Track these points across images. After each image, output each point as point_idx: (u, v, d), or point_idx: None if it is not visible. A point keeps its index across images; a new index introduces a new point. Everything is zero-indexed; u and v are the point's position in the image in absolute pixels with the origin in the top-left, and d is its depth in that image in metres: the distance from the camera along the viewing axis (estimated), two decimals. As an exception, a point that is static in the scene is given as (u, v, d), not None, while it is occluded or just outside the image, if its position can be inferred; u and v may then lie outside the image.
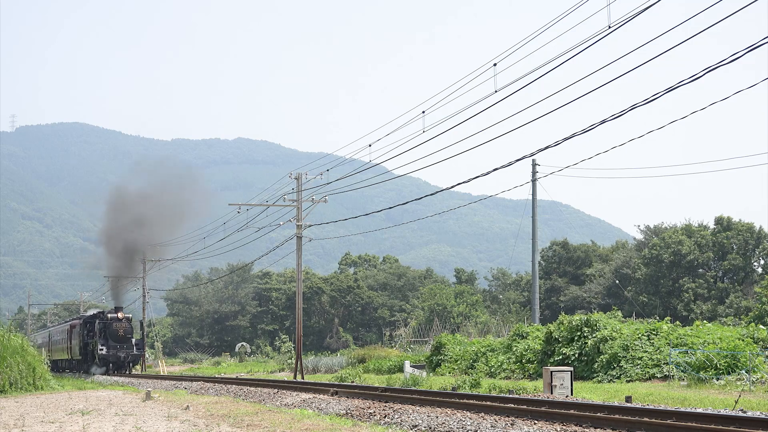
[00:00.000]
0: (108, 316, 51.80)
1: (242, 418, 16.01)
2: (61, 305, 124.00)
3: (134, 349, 51.75)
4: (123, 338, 51.22)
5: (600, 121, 18.76)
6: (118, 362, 50.80)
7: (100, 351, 50.37)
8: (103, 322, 51.46)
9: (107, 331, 51.08)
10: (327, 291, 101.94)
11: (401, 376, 34.63)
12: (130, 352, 51.31)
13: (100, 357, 50.39)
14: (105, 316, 51.88)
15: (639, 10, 16.28)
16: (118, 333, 51.01)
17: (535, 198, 47.58)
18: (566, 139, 20.27)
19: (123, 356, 50.74)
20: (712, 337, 29.03)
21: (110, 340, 50.88)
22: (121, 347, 50.89)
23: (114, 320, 51.42)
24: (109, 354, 50.43)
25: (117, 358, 50.65)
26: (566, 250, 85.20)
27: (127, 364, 51.39)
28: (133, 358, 51.87)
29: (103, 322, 51.49)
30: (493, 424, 13.69)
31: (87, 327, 53.31)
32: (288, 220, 40.37)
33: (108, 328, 51.13)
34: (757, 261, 73.02)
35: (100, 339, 50.95)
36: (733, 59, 14.78)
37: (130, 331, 51.79)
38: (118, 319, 51.53)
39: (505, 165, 23.25)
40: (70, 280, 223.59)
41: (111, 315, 52.01)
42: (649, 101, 17.14)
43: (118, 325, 51.28)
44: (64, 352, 59.48)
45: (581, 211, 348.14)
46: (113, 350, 50.59)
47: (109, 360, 50.50)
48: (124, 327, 51.55)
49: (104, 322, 51.45)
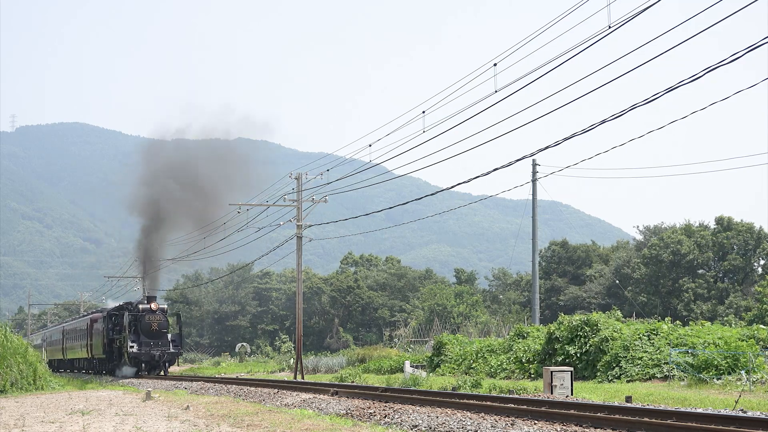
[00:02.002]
0: (139, 308, 44.07)
1: (242, 418, 16.01)
2: (61, 305, 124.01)
3: (170, 346, 44.06)
4: (157, 333, 43.70)
5: (600, 121, 18.77)
6: (151, 361, 43.46)
7: (131, 349, 42.88)
8: (133, 315, 43.84)
9: (138, 325, 43.55)
10: (327, 291, 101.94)
11: (401, 376, 34.63)
12: (166, 349, 43.69)
13: (131, 356, 42.93)
14: (135, 308, 44.28)
15: (639, 10, 16.28)
16: (151, 327, 43.57)
17: (535, 198, 47.59)
18: (566, 139, 20.28)
19: (157, 354, 43.21)
20: (713, 337, 29.04)
21: (142, 336, 43.37)
22: (155, 344, 43.37)
23: (146, 312, 43.75)
24: (141, 352, 42.96)
25: (150, 357, 43.14)
26: (566, 250, 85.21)
27: (162, 364, 43.95)
28: (170, 356, 44.16)
29: (134, 314, 43.87)
30: (494, 424, 13.69)
31: (112, 321, 46.48)
32: (288, 220, 40.38)
33: (139, 321, 43.57)
34: (757, 261, 73.06)
35: (130, 334, 43.40)
36: (733, 59, 14.79)
37: (165, 324, 44.33)
38: (151, 311, 43.83)
39: (505, 165, 23.26)
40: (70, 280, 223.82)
41: (143, 306, 44.22)
42: (649, 101, 17.14)
43: (152, 317, 43.69)
44: (83, 350, 53.10)
45: (581, 211, 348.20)
46: (146, 347, 43.13)
47: (141, 359, 43.10)
48: (159, 320, 43.87)
49: (135, 314, 43.84)
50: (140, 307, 44.05)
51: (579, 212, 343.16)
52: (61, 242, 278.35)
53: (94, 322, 49.79)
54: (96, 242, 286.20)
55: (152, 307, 44.04)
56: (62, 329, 61.79)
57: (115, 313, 46.49)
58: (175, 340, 44.68)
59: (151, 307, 44.02)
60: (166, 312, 45.02)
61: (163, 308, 44.96)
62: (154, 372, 43.94)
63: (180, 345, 45.17)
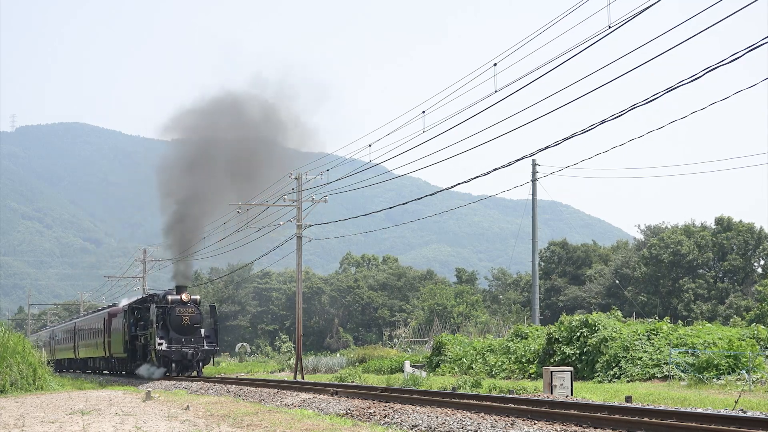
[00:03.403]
0: (168, 299, 38.31)
1: (242, 418, 16.01)
2: (61, 305, 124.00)
3: (204, 342, 37.88)
4: (189, 328, 37.58)
5: (600, 121, 18.78)
6: (183, 361, 37.29)
7: (159, 346, 37.03)
8: (161, 307, 38.07)
9: (167, 319, 37.60)
10: (327, 291, 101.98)
11: (401, 376, 34.65)
12: (200, 346, 37.51)
13: (159, 354, 37.05)
14: (164, 299, 38.65)
15: (639, 10, 16.29)
16: (182, 321, 37.55)
17: (535, 198, 47.60)
18: (566, 139, 20.29)
19: (190, 352, 37.11)
20: (713, 337, 29.06)
21: (172, 331, 37.39)
22: (187, 341, 37.38)
23: (177, 304, 37.86)
24: (171, 350, 36.96)
25: (182, 356, 37.09)
26: (566, 250, 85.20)
27: (195, 364, 37.76)
28: (204, 355, 37.88)
29: (162, 306, 38.11)
30: (493, 424, 13.69)
31: (134, 315, 41.00)
32: (288, 220, 40.38)
33: (169, 314, 37.64)
34: (757, 261, 73.08)
35: (158, 330, 37.51)
36: (733, 59, 14.79)
37: (198, 318, 38.06)
38: (182, 303, 37.86)
39: (505, 165, 23.26)
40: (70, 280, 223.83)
41: (172, 297, 38.34)
42: (649, 101, 17.14)
43: (183, 310, 37.65)
44: (98, 348, 47.69)
45: (581, 211, 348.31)
46: (176, 345, 37.15)
47: (171, 358, 37.07)
48: (191, 313, 37.79)
49: (163, 306, 38.09)
50: (169, 299, 38.24)
51: (579, 212, 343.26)
52: (61, 242, 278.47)
53: (112, 317, 44.60)
54: (96, 242, 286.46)
55: (183, 298, 37.94)
56: (74, 326, 56.45)
57: (138, 306, 41.02)
58: (210, 335, 38.48)
59: (182, 298, 37.94)
60: (199, 303, 38.91)
61: (195, 299, 38.76)
62: (186, 373, 38.05)
63: (216, 342, 38.61)
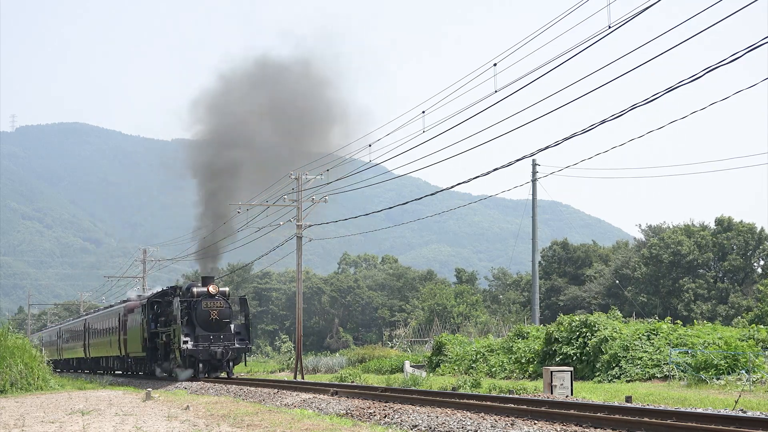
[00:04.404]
0: (193, 291, 34.44)
1: (242, 418, 16.01)
2: (61, 305, 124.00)
3: (235, 340, 33.91)
4: (218, 324, 33.59)
5: (600, 121, 18.79)
6: (212, 361, 33.27)
7: (184, 344, 32.91)
8: (186, 301, 34.02)
9: (193, 314, 33.60)
10: (327, 291, 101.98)
11: (401, 376, 34.67)
12: (230, 344, 33.54)
13: (185, 353, 33.05)
14: (188, 292, 34.73)
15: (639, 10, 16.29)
16: (210, 316, 33.45)
17: (535, 198, 47.61)
18: (566, 139, 20.30)
19: (219, 351, 33.15)
20: (713, 337, 29.06)
21: (198, 328, 33.37)
22: (215, 338, 33.34)
23: (203, 297, 33.80)
24: (197, 348, 32.95)
25: (210, 355, 33.08)
26: (566, 250, 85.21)
27: (225, 364, 33.78)
28: (235, 353, 33.93)
29: (187, 300, 34.08)
30: (493, 424, 13.69)
31: (154, 310, 37.01)
32: (288, 220, 40.37)
33: (195, 309, 33.66)
34: (757, 261, 73.10)
35: (183, 326, 33.36)
36: (733, 59, 14.79)
37: (227, 312, 34.04)
38: (209, 296, 33.81)
39: (505, 165, 23.28)
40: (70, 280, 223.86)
41: (198, 289, 34.45)
42: (649, 101, 17.15)
43: (211, 303, 33.62)
44: (113, 346, 43.84)
45: (581, 211, 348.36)
46: (204, 342, 33.13)
47: (198, 358, 33.01)
48: (220, 307, 33.79)
49: (188, 300, 34.07)
50: (194, 291, 34.32)
51: (579, 212, 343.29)
52: (61, 242, 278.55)
53: (128, 313, 40.77)
54: (96, 242, 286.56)
55: (210, 290, 33.89)
56: (84, 323, 52.56)
57: (158, 300, 37.06)
58: (241, 332, 34.49)
59: (209, 290, 33.89)
60: (228, 296, 34.92)
61: (224, 291, 34.89)
62: (215, 374, 34.25)
63: (248, 339, 34.54)
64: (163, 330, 35.82)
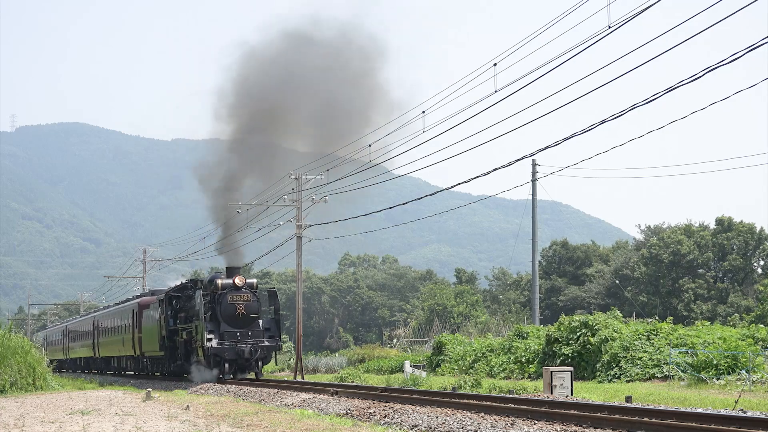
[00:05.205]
0: (217, 283, 30.95)
1: (242, 418, 16.01)
2: (61, 305, 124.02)
3: (264, 337, 30.71)
4: (245, 319, 30.44)
5: (600, 121, 18.78)
6: (239, 359, 30.13)
7: (208, 342, 29.80)
8: (210, 295, 30.63)
9: (218, 309, 30.34)
10: (327, 291, 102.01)
11: (401, 376, 34.66)
12: (259, 342, 30.39)
13: (209, 352, 29.85)
14: (212, 284, 31.24)
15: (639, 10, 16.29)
16: (236, 311, 30.30)
17: (535, 198, 47.59)
18: (566, 139, 20.29)
19: (247, 350, 30.03)
20: (713, 338, 29.06)
21: (223, 324, 30.17)
22: (243, 335, 30.24)
23: (229, 289, 30.54)
24: (223, 346, 29.86)
25: (237, 354, 29.97)
26: (566, 250, 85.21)
27: (254, 364, 30.63)
28: (265, 352, 30.75)
29: (211, 293, 30.68)
30: (493, 424, 13.69)
31: (173, 305, 34.00)
32: (288, 220, 40.37)
33: (219, 302, 30.38)
34: (757, 261, 73.10)
35: (206, 322, 30.16)
36: (733, 59, 14.79)
37: (256, 307, 30.83)
38: (235, 288, 30.54)
39: (505, 165, 23.27)
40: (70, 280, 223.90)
41: (223, 281, 31.05)
42: (649, 101, 17.15)
43: (237, 297, 30.43)
44: (126, 345, 41.11)
45: (581, 211, 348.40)
46: (230, 340, 30.02)
47: (223, 357, 29.93)
48: (247, 300, 30.55)
49: (212, 293, 30.68)
50: (218, 283, 30.94)
51: (579, 212, 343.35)
52: (61, 242, 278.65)
53: (143, 308, 38.12)
54: (96, 242, 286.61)
55: (237, 282, 30.59)
56: (93, 320, 49.95)
57: (178, 295, 34.06)
58: (270, 327, 31.27)
59: (235, 282, 30.58)
60: (256, 289, 31.52)
61: (251, 283, 31.42)
62: (242, 375, 31.12)
63: (278, 336, 31.33)
64: (184, 327, 32.67)
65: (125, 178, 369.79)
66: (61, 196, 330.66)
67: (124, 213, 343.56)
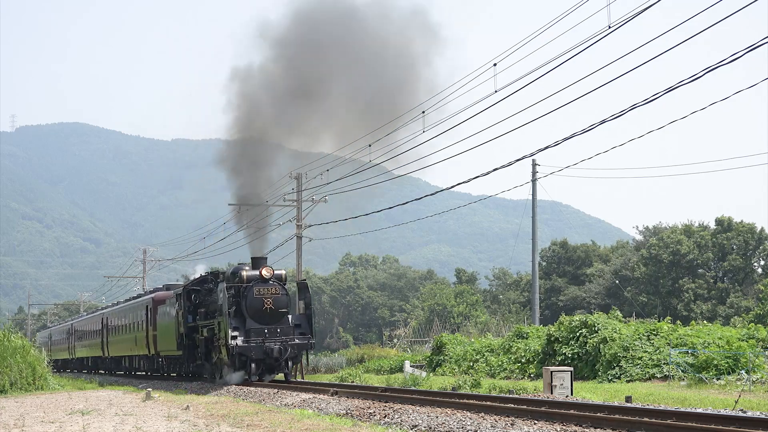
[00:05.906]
0: (242, 275, 27.62)
1: (242, 418, 16.01)
2: (61, 305, 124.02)
3: (294, 334, 27.55)
4: (273, 315, 27.29)
5: (600, 121, 18.78)
6: (268, 359, 27.00)
7: (233, 341, 26.73)
8: (233, 287, 27.53)
9: (244, 303, 27.20)
10: (327, 291, 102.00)
11: (401, 376, 34.64)
12: (289, 339, 27.29)
13: (233, 351, 26.83)
14: (235, 276, 27.94)
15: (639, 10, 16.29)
16: (263, 306, 27.09)
17: (535, 198, 47.59)
18: (566, 139, 20.29)
19: (276, 349, 26.87)
20: (713, 337, 29.06)
21: (249, 320, 27.06)
22: (271, 332, 27.14)
23: (255, 282, 27.36)
24: (249, 345, 26.78)
25: (265, 353, 26.85)
26: (566, 250, 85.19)
27: (284, 364, 27.51)
28: (296, 350, 27.50)
29: (234, 286, 27.58)
30: (493, 424, 13.68)
31: (192, 300, 31.27)
32: (288, 220, 40.36)
33: (244, 296, 27.23)
34: (757, 261, 73.08)
35: (230, 318, 27.04)
36: (733, 59, 14.78)
37: (285, 301, 27.57)
38: (262, 280, 27.40)
39: (505, 165, 23.27)
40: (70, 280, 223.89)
41: (248, 273, 27.72)
42: (649, 101, 17.15)
43: (264, 290, 27.26)
44: (139, 344, 38.31)
45: (581, 211, 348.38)
46: (257, 338, 26.90)
47: (250, 356, 26.88)
48: (276, 294, 27.35)
49: (236, 286, 27.55)
50: (243, 275, 27.65)
51: (579, 212, 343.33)
52: (61, 242, 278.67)
53: (158, 304, 35.57)
54: (96, 242, 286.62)
55: (264, 273, 27.45)
56: (101, 318, 47.22)
57: (197, 289, 31.30)
58: (301, 324, 28.10)
59: (262, 273, 27.45)
60: (284, 281, 28.21)
61: (279, 275, 27.97)
62: (271, 376, 27.80)
63: (310, 332, 28.05)
64: (204, 324, 29.80)
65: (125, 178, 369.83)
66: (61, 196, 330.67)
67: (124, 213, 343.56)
